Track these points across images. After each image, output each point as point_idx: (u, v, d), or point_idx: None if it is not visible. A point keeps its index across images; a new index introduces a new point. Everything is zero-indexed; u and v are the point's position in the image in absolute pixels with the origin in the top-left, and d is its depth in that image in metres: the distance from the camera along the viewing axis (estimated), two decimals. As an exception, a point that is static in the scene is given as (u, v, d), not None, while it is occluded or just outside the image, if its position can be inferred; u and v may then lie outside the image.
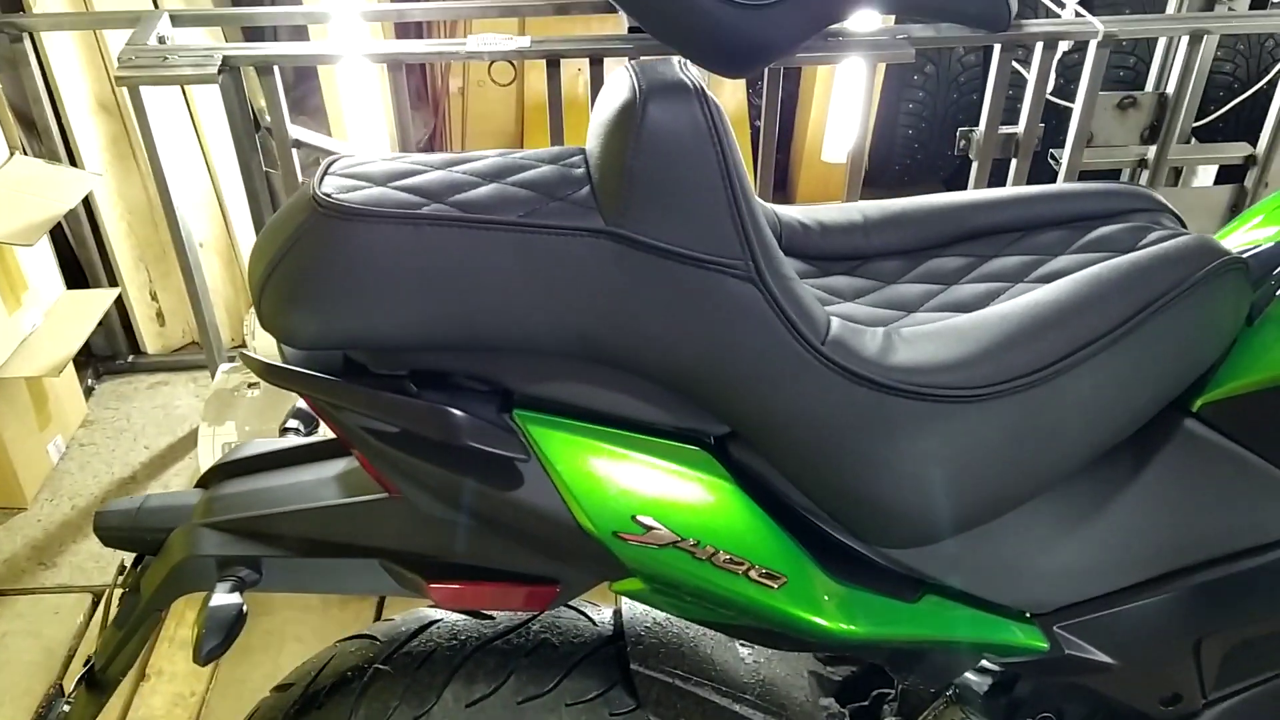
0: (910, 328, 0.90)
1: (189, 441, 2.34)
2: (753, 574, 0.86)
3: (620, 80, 0.87)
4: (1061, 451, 0.88)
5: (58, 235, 2.42)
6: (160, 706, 1.80)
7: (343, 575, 0.96)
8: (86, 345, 2.51)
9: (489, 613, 1.08)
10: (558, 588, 0.93)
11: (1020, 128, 2.16)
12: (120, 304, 2.51)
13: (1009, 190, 1.08)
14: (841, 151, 2.77)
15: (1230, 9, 2.20)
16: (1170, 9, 2.27)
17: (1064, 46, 2.09)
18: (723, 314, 0.83)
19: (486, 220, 0.82)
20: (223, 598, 0.90)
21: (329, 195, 0.83)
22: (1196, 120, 2.52)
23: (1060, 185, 1.07)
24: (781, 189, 3.10)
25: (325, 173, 0.87)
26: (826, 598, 0.88)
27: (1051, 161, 2.25)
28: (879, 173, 2.97)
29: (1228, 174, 2.38)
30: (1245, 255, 1.00)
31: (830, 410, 0.83)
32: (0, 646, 1.91)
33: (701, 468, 0.87)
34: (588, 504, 0.84)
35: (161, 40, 2.02)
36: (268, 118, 2.13)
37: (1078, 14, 2.08)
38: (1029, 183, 2.23)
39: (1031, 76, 2.09)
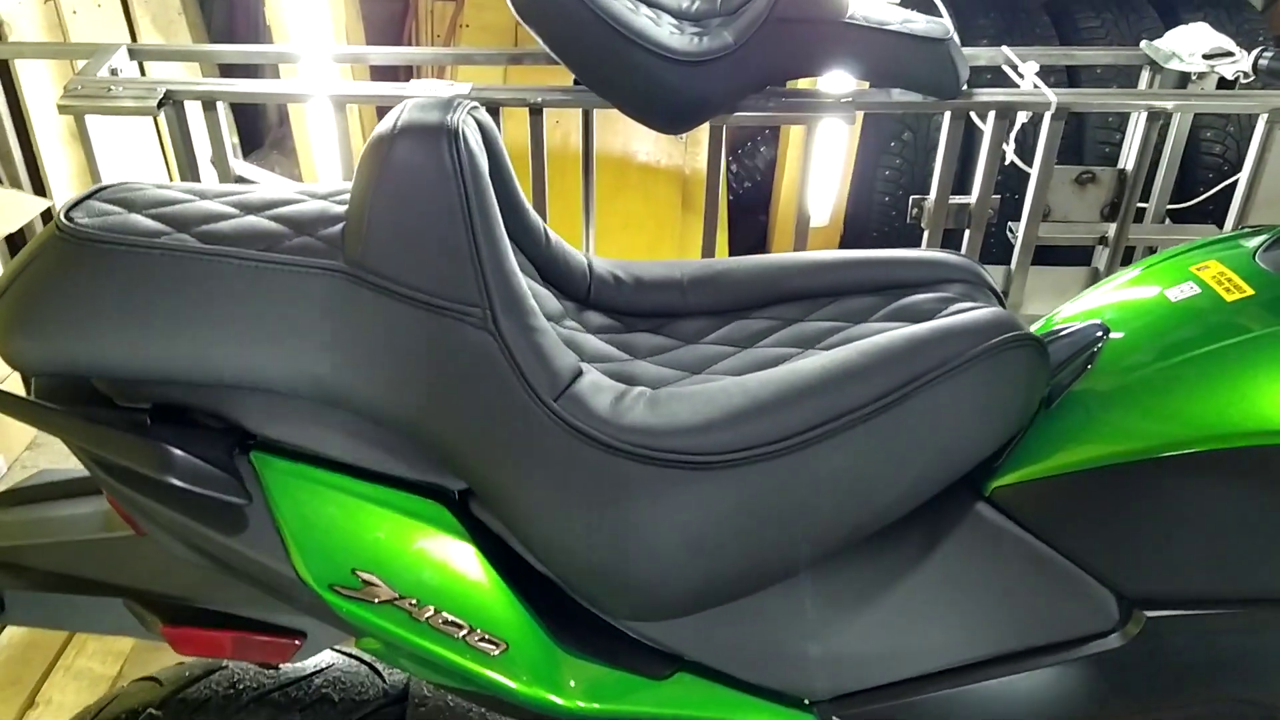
0: (672, 389, 0.86)
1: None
2: (471, 639, 0.82)
3: (389, 117, 0.85)
4: (815, 527, 0.83)
5: (21, 259, 2.45)
6: (46, 736, 1.77)
7: (87, 613, 0.93)
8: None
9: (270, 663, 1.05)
10: (302, 640, 0.90)
11: (972, 198, 2.11)
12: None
13: (831, 254, 1.04)
14: (818, 215, 2.74)
15: (1202, 89, 2.14)
16: (1142, 85, 2.22)
17: (1023, 117, 2.04)
18: (456, 361, 0.80)
19: (219, 252, 0.80)
20: (-48, 628, 0.88)
21: (72, 220, 0.82)
22: (1182, 201, 2.45)
23: (883, 251, 1.03)
24: (760, 249, 3.06)
25: (87, 197, 0.86)
26: (557, 670, 0.84)
27: (1009, 234, 2.19)
28: (855, 238, 2.93)
29: (1201, 256, 2.31)
30: (1058, 334, 0.95)
31: (559, 470, 0.79)
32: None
33: (436, 524, 0.83)
34: (307, 554, 0.81)
35: (114, 72, 2.05)
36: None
37: (1035, 85, 2.03)
38: (983, 256, 2.17)
39: (984, 146, 2.05)
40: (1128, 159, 2.11)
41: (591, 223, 2.18)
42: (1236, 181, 2.32)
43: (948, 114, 2.02)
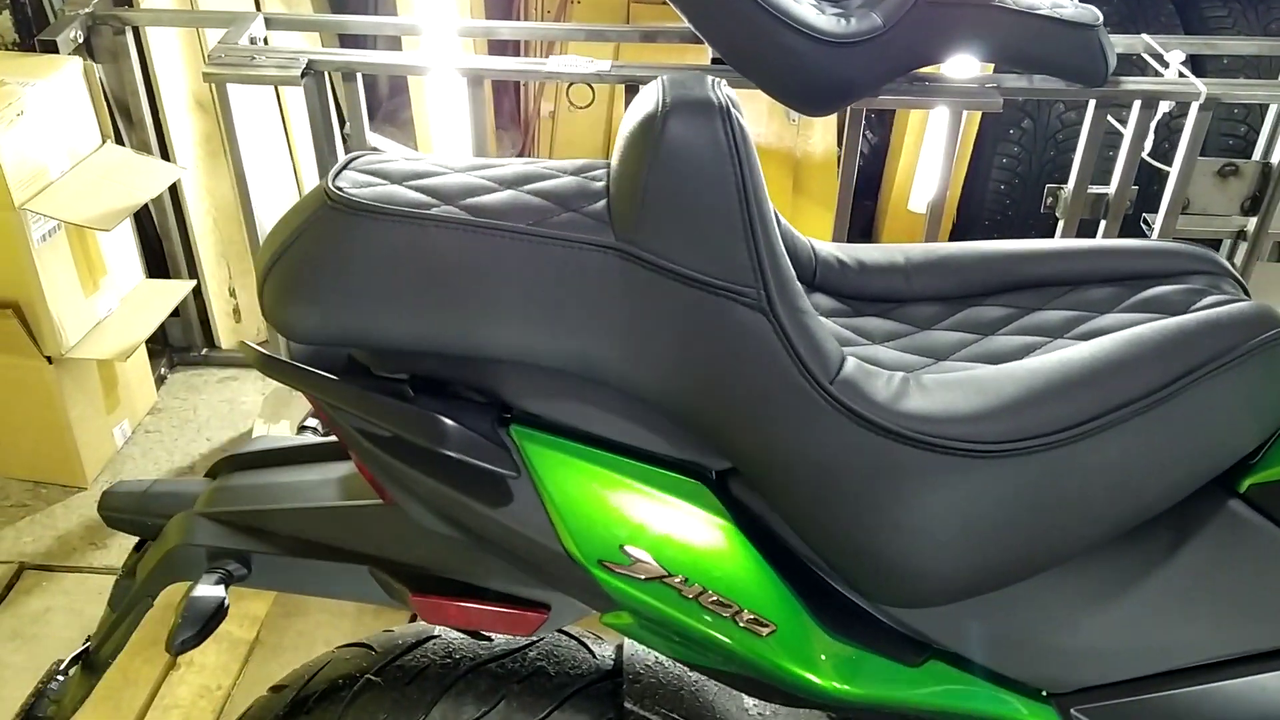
0: (933, 375, 0.85)
1: (249, 437, 2.37)
2: (740, 619, 0.82)
3: (648, 93, 0.85)
4: (1084, 520, 0.82)
5: (145, 226, 2.48)
6: (186, 697, 1.81)
7: (331, 579, 0.94)
8: (163, 335, 2.57)
9: (488, 633, 1.05)
10: (546, 613, 0.90)
11: (1111, 188, 2.08)
12: (199, 297, 2.56)
13: (1060, 242, 1.02)
14: (926, 204, 2.71)
15: (1347, 81, 2.09)
16: (1283, 76, 2.17)
17: (1164, 107, 2.01)
18: (729, 342, 0.79)
19: (494, 225, 0.80)
20: (206, 589, 0.89)
21: (341, 190, 0.82)
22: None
23: (1115, 241, 1.01)
24: (867, 235, 3.04)
25: (344, 167, 0.87)
26: (819, 652, 0.83)
27: (1144, 226, 2.16)
28: (968, 226, 2.90)
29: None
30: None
31: (834, 454, 0.79)
32: (43, 621, 1.95)
33: (698, 502, 0.83)
34: (575, 528, 0.81)
35: (253, 41, 2.06)
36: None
37: (1181, 74, 1.99)
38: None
39: (1127, 136, 2.02)
40: (1273, 152, 2.07)
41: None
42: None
43: (1092, 102, 1.99)
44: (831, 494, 0.79)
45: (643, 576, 0.82)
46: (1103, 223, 2.11)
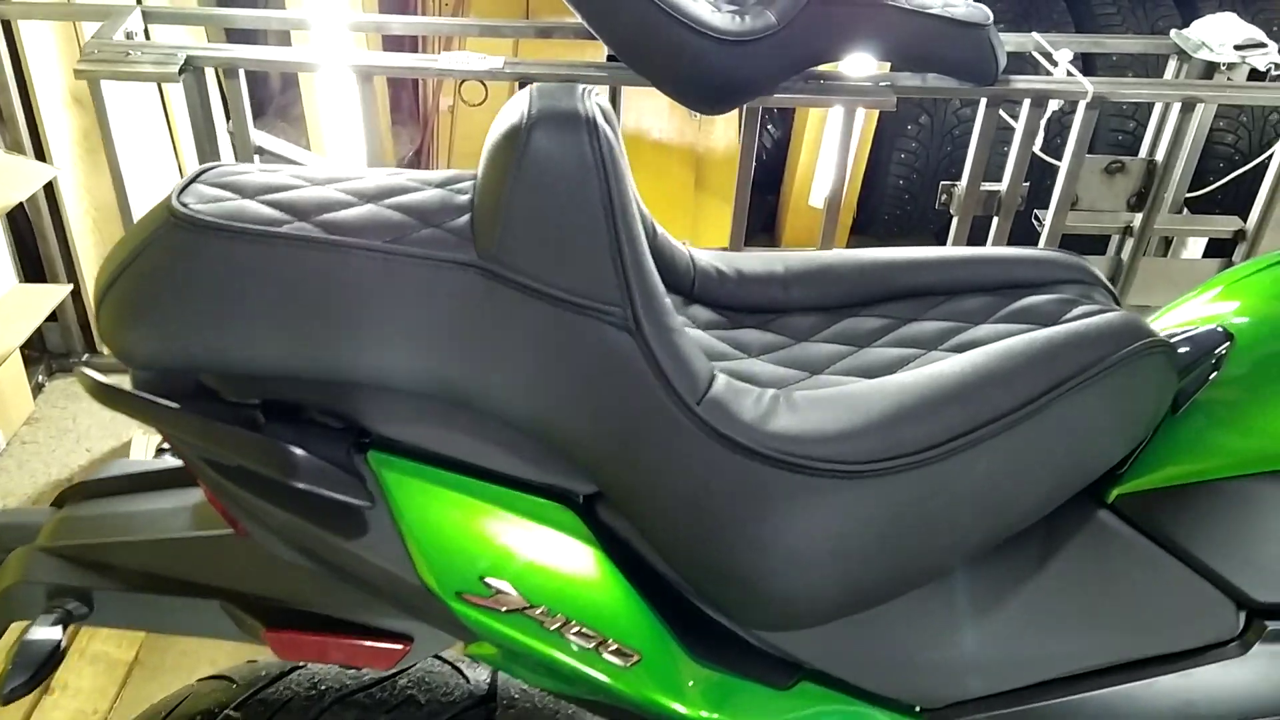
0: (805, 391, 0.83)
1: (128, 449, 2.28)
2: (604, 650, 0.79)
3: (515, 104, 0.81)
4: (954, 537, 0.81)
5: (21, 228, 2.37)
6: (61, 722, 1.73)
7: (180, 615, 0.90)
8: (41, 341, 2.47)
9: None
10: (409, 646, 0.86)
11: (1003, 185, 2.10)
12: (79, 301, 2.46)
13: (939, 251, 1.02)
14: (824, 197, 2.72)
15: (1229, 79, 2.13)
16: (1168, 75, 2.21)
17: (1054, 105, 2.03)
18: (593, 362, 0.77)
19: (348, 243, 0.76)
20: (41, 631, 0.84)
21: (187, 205, 0.77)
22: (1193, 190, 2.46)
23: (993, 249, 1.01)
24: (769, 231, 3.04)
25: (193, 180, 0.82)
26: (686, 680, 0.81)
27: (1035, 222, 2.19)
28: (868, 222, 2.91)
29: (1219, 248, 2.32)
30: (1176, 338, 0.93)
31: (700, 476, 0.77)
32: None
33: (564, 528, 0.80)
34: (433, 559, 0.78)
35: (130, 36, 1.98)
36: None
37: (1069, 73, 2.02)
38: (1010, 243, 2.17)
39: (1017, 134, 2.03)
40: (1158, 149, 2.11)
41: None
42: (1249, 171, 2.33)
43: (983, 100, 2.00)
44: (698, 518, 0.77)
45: (503, 609, 0.79)
46: (995, 219, 2.13)
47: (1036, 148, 2.04)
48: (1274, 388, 0.86)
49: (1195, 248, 2.35)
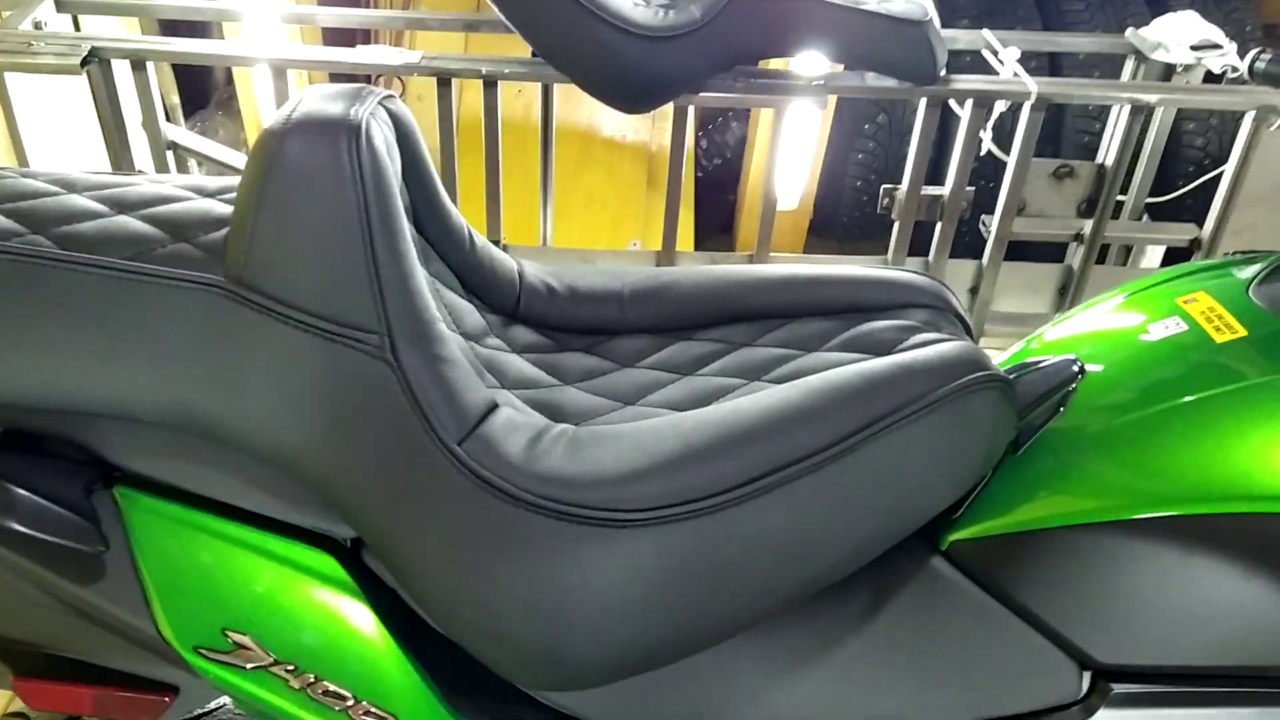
0: (596, 427, 0.76)
1: None
2: (355, 711, 0.73)
3: (287, 105, 0.75)
4: (751, 589, 0.74)
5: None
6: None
7: None
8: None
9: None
10: (174, 697, 0.80)
11: (945, 189, 2.02)
12: None
13: (786, 269, 0.94)
14: (786, 198, 2.64)
15: (1187, 81, 2.05)
16: (1125, 75, 2.12)
17: (1001, 106, 1.95)
18: (347, 395, 0.70)
19: (76, 260, 0.70)
20: None
21: None
22: (1160, 195, 2.37)
23: (843, 269, 0.93)
24: (727, 230, 2.96)
25: None
26: (448, 744, 0.74)
27: (982, 228, 2.10)
28: (826, 224, 2.84)
29: (1181, 255, 2.23)
30: (1029, 369, 0.86)
31: (462, 524, 0.70)
32: None
33: (322, 576, 0.74)
34: (171, 609, 0.71)
35: (37, 25, 1.92)
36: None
37: (1015, 73, 1.93)
38: (956, 251, 2.09)
39: (959, 136, 1.95)
40: (1108, 153, 2.02)
41: (550, 202, 2.08)
42: (1218, 176, 2.24)
43: (923, 100, 1.92)
44: (461, 571, 0.70)
45: (247, 665, 0.72)
46: (938, 225, 2.05)
47: (991, 149, 1.96)
48: (1116, 431, 0.78)
49: (1155, 255, 2.26)
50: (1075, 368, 0.84)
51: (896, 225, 2.06)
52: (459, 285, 0.89)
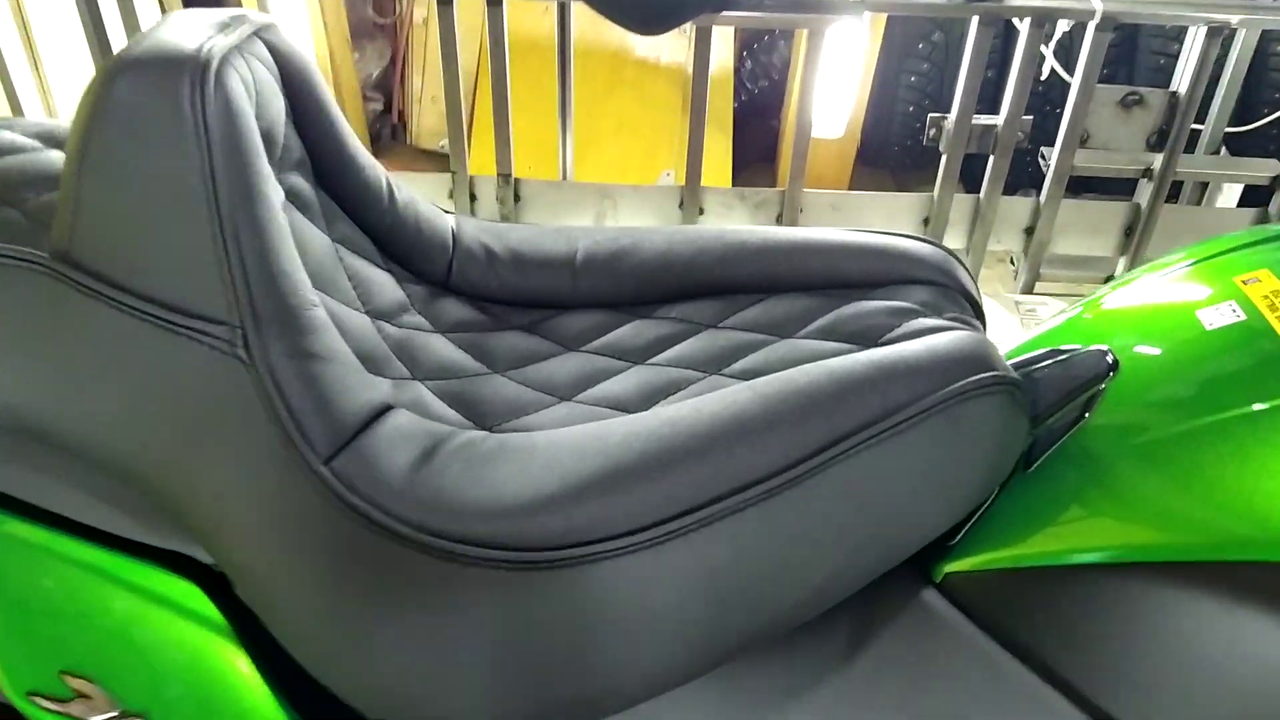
0: (515, 436, 0.63)
1: None
2: (214, 769, 0.62)
3: (134, 40, 0.62)
4: (684, 643, 0.61)
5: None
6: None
7: None
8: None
9: None
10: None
11: (1000, 118, 1.83)
12: None
13: (766, 235, 0.80)
14: (829, 126, 2.46)
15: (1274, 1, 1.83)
16: (1207, -9, 1.91)
17: (1064, 25, 1.76)
18: (194, 398, 0.58)
19: None
20: None
21: None
22: (1240, 126, 2.15)
23: (838, 234, 0.78)
24: (769, 158, 2.79)
25: None
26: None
27: (1041, 161, 1.92)
28: (875, 153, 2.65)
29: (1258, 194, 2.02)
30: (1051, 360, 0.71)
31: (328, 557, 0.58)
32: None
33: (183, 606, 0.62)
34: (1, 646, 0.61)
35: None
36: None
37: (1080, -11, 1.73)
38: (1009, 187, 1.90)
39: (1016, 60, 1.76)
40: (1181, 80, 1.82)
41: (569, 131, 1.93)
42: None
43: (975, 19, 1.73)
44: (329, 613, 0.58)
45: (88, 716, 0.61)
46: (991, 158, 1.87)
47: (1057, 69, 1.77)
48: (1151, 442, 0.63)
49: (1232, 194, 2.05)
50: (1107, 361, 0.69)
51: (944, 159, 1.88)
52: (374, 251, 0.76)
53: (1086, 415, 0.67)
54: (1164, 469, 0.63)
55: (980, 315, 0.76)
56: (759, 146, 2.77)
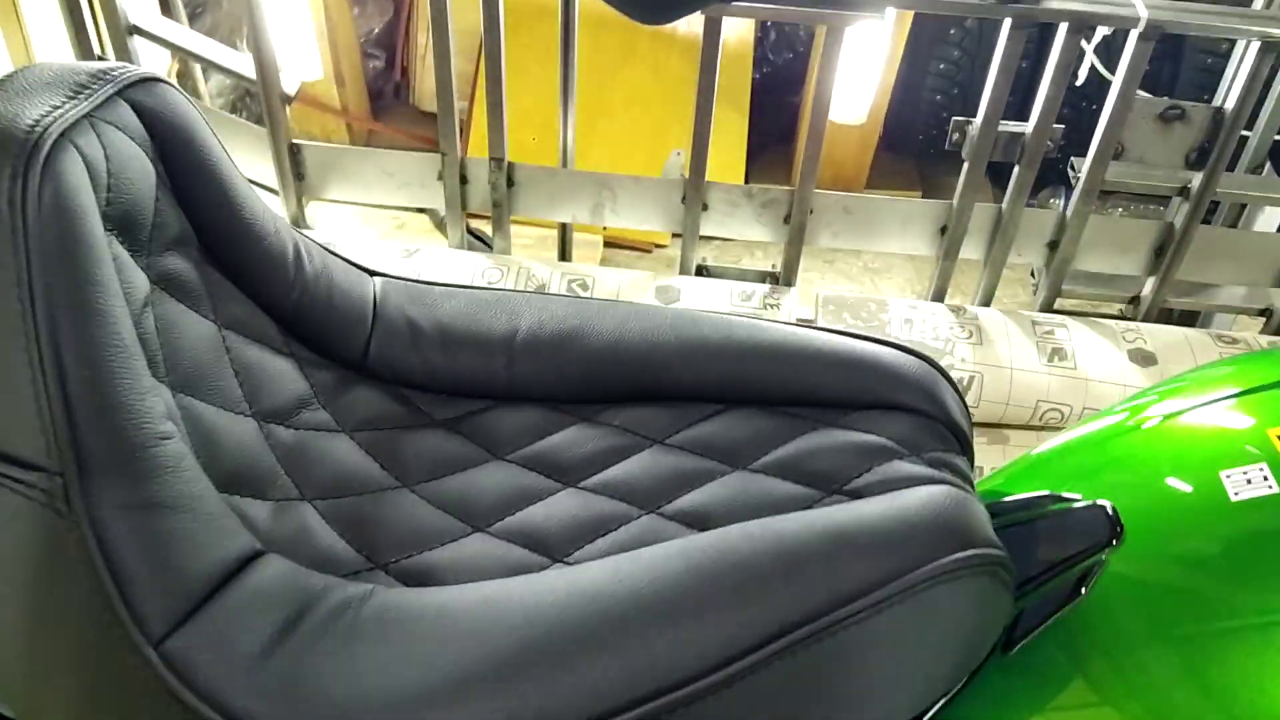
0: (413, 592, 0.54)
1: None
2: None
3: None
4: None
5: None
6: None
7: None
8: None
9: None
10: None
11: (1029, 126, 1.70)
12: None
13: (734, 330, 0.69)
14: (849, 112, 2.33)
15: (1338, 8, 1.68)
16: (1258, 4, 1.76)
17: (1103, 31, 1.62)
18: (5, 555, 0.48)
19: None
20: None
21: None
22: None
23: (816, 337, 0.68)
24: (788, 138, 2.66)
25: None
26: None
27: (1070, 172, 1.79)
28: (899, 140, 2.52)
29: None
30: (1040, 517, 0.61)
31: None
32: None
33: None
34: None
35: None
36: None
37: (1125, -8, 1.59)
38: (1035, 193, 1.78)
39: (1049, 66, 1.63)
40: (1227, 95, 1.68)
41: (570, 115, 1.81)
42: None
43: (1007, 21, 1.60)
44: None
45: None
46: (1016, 167, 1.74)
47: (1098, 69, 1.64)
48: (1157, 643, 0.53)
49: (1273, 216, 1.92)
50: (1110, 525, 0.58)
51: (966, 166, 1.76)
52: (275, 333, 0.66)
53: (1083, 591, 0.57)
54: (1157, 679, 0.53)
55: (967, 448, 0.65)
56: (779, 124, 2.64)
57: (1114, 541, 0.58)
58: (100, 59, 1.71)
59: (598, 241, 2.37)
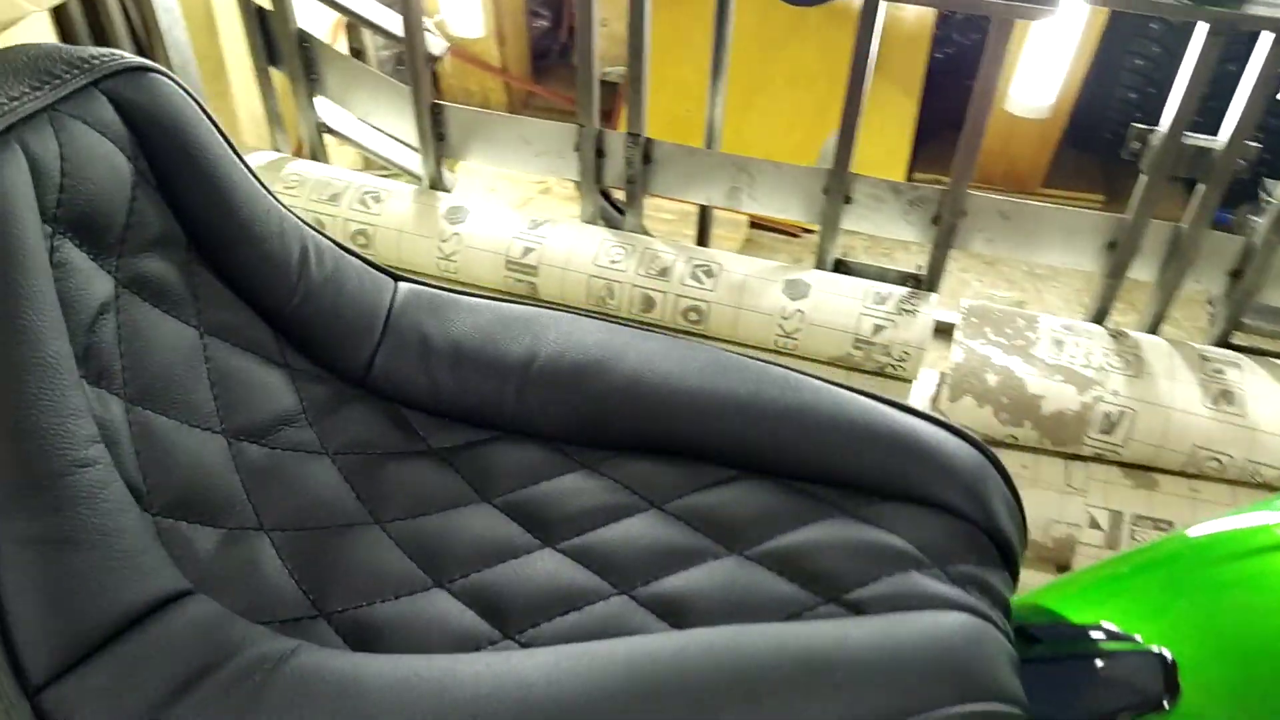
0: (341, 659, 0.49)
1: None
2: None
3: None
4: None
5: None
6: None
7: None
8: None
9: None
10: None
11: (1220, 140, 1.52)
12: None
13: (763, 384, 0.61)
14: (1028, 105, 2.16)
15: None
16: None
17: (1319, 39, 1.43)
18: None
19: None
20: None
21: None
22: None
23: (851, 403, 0.59)
24: (956, 128, 2.49)
25: None
26: None
27: (1262, 195, 1.60)
28: (1085, 136, 2.32)
29: None
30: (1072, 663, 0.51)
31: None
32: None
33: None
34: None
35: None
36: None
37: (1349, -3, 1.40)
38: (1216, 223, 1.60)
39: (1248, 75, 1.45)
40: None
41: (720, 91, 1.73)
42: None
43: (1204, 25, 1.43)
44: None
45: None
46: (1200, 186, 1.57)
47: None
48: None
49: None
50: (1163, 676, 0.48)
51: (1144, 179, 1.59)
52: (270, 341, 0.61)
53: (1126, 757, 0.48)
54: None
55: (1011, 562, 0.55)
56: (957, 110, 2.47)
57: (1166, 701, 0.48)
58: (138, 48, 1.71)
59: (742, 222, 2.28)
